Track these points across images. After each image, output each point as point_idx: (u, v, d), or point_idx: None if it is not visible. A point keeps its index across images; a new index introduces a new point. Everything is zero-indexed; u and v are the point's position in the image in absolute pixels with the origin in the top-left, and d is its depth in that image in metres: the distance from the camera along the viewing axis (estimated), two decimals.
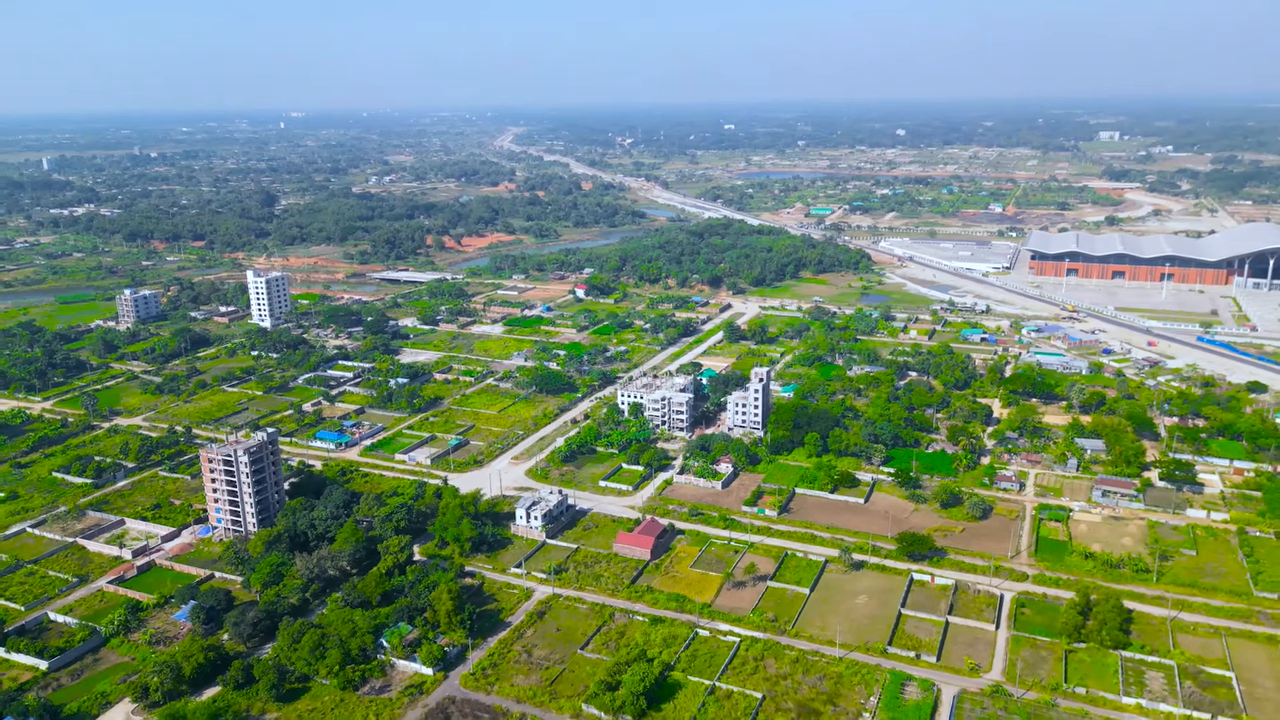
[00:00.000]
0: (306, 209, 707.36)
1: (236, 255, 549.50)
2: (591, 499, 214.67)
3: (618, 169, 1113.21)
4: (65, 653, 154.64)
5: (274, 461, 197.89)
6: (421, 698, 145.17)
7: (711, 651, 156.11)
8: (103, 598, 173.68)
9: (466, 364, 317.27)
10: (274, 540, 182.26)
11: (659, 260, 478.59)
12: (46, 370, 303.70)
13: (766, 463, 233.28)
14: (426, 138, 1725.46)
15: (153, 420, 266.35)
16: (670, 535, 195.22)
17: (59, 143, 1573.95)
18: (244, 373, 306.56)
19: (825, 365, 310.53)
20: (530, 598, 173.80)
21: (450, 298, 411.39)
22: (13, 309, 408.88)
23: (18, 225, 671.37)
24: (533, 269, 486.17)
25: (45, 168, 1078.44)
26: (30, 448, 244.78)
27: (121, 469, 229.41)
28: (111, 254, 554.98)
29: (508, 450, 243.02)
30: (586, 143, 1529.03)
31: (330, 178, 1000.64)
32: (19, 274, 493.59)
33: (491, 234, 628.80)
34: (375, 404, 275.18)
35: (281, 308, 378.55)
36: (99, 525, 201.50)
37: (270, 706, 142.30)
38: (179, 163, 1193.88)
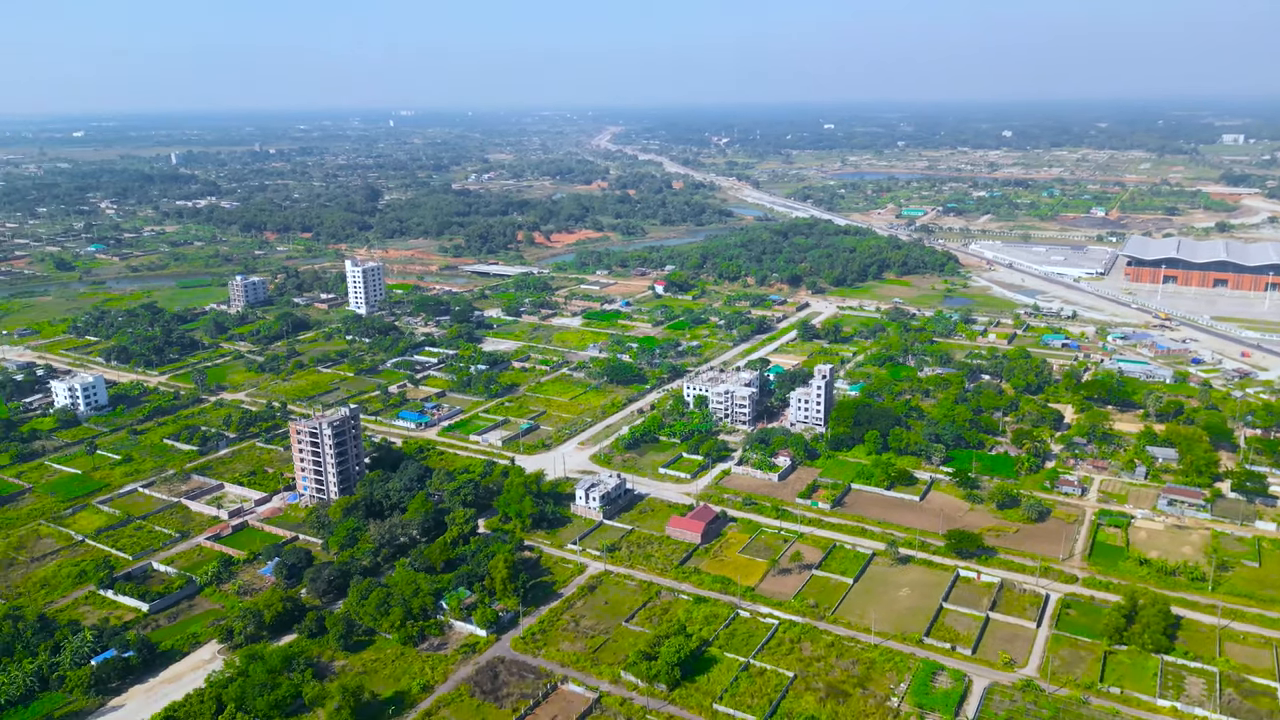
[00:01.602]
0: (407, 204, 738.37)
1: (340, 246, 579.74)
2: (650, 485, 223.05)
3: (710, 168, 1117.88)
4: (164, 597, 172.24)
5: (355, 436, 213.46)
6: (474, 656, 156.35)
7: (750, 631, 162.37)
8: (200, 552, 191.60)
9: (544, 354, 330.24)
10: (352, 507, 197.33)
11: (739, 258, 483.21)
12: (164, 347, 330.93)
13: (825, 458, 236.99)
14: (527, 136, 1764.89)
15: (254, 396, 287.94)
16: (722, 522, 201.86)
17: (188, 139, 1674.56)
18: (338, 355, 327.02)
19: (896, 366, 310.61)
20: (583, 572, 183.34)
21: (534, 291, 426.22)
22: (138, 291, 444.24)
23: (146, 215, 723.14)
24: (616, 265, 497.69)
25: (174, 162, 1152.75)
26: (145, 416, 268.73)
27: (224, 439, 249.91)
28: (228, 243, 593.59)
29: (575, 436, 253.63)
30: (682, 142, 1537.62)
31: (432, 174, 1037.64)
32: (145, 260, 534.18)
33: (580, 230, 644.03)
34: (455, 388, 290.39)
35: (376, 296, 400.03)
36: (201, 488, 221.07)
37: (338, 655, 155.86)
38: (294, 159, 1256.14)
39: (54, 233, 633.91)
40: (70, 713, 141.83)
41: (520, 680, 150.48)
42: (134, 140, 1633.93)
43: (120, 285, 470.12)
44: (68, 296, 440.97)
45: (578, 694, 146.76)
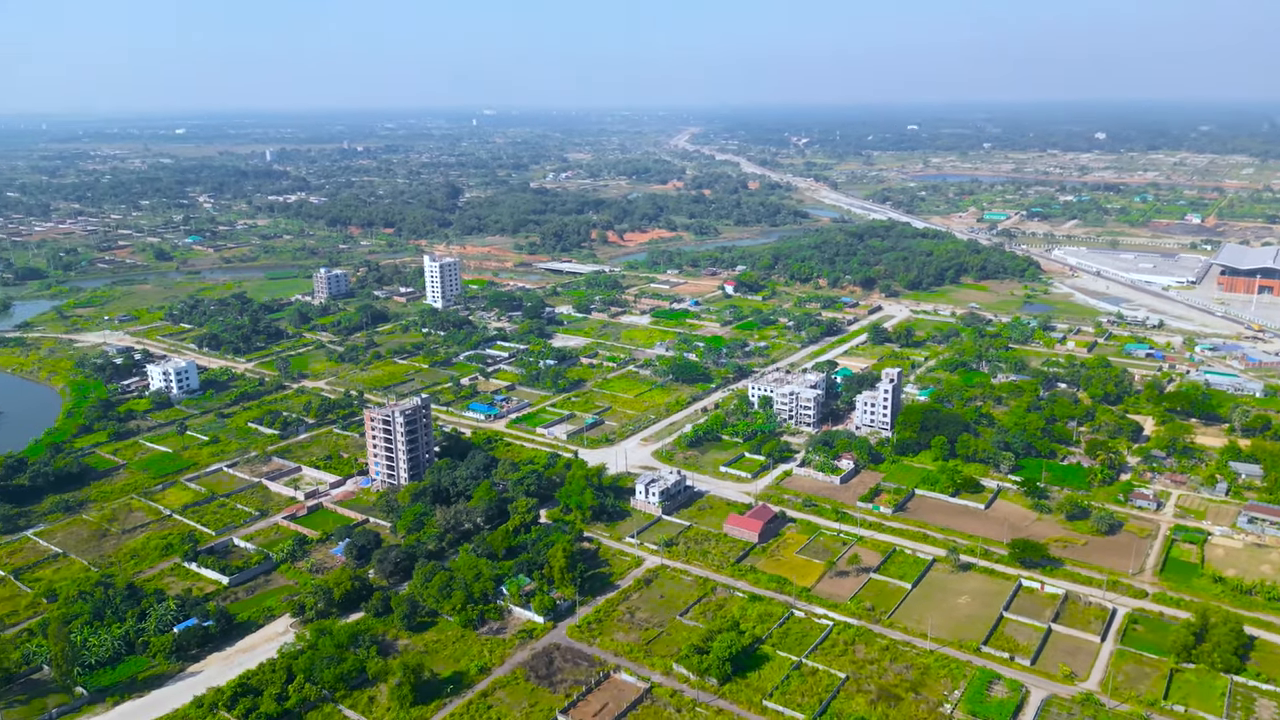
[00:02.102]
0: (486, 202, 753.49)
1: (420, 242, 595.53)
2: (710, 482, 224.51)
3: (788, 169, 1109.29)
4: (243, 572, 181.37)
5: (426, 425, 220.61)
6: (531, 641, 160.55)
7: (804, 631, 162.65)
8: (277, 530, 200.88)
9: (611, 351, 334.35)
10: (420, 493, 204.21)
11: (812, 260, 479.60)
12: (251, 336, 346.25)
13: (890, 462, 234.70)
14: (605, 136, 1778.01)
15: (333, 384, 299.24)
16: (780, 522, 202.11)
17: (281, 136, 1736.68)
18: (414, 347, 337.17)
19: (969, 372, 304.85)
20: (640, 565, 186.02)
21: (605, 289, 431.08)
22: (229, 282, 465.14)
23: (240, 209, 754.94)
24: (687, 264, 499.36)
25: (268, 159, 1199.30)
26: (232, 401, 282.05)
27: (303, 424, 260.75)
28: (314, 237, 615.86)
29: (638, 432, 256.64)
30: (761, 142, 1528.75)
31: (512, 173, 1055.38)
32: (237, 252, 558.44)
33: (654, 230, 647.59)
34: (524, 382, 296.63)
35: (452, 291, 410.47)
36: (280, 470, 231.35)
37: (402, 634, 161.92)
38: (380, 156, 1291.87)
39: (155, 224, 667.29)
40: (153, 675, 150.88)
41: (574, 667, 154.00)
42: (232, 137, 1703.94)
43: (214, 275, 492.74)
44: (165, 285, 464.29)
45: (629, 683, 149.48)
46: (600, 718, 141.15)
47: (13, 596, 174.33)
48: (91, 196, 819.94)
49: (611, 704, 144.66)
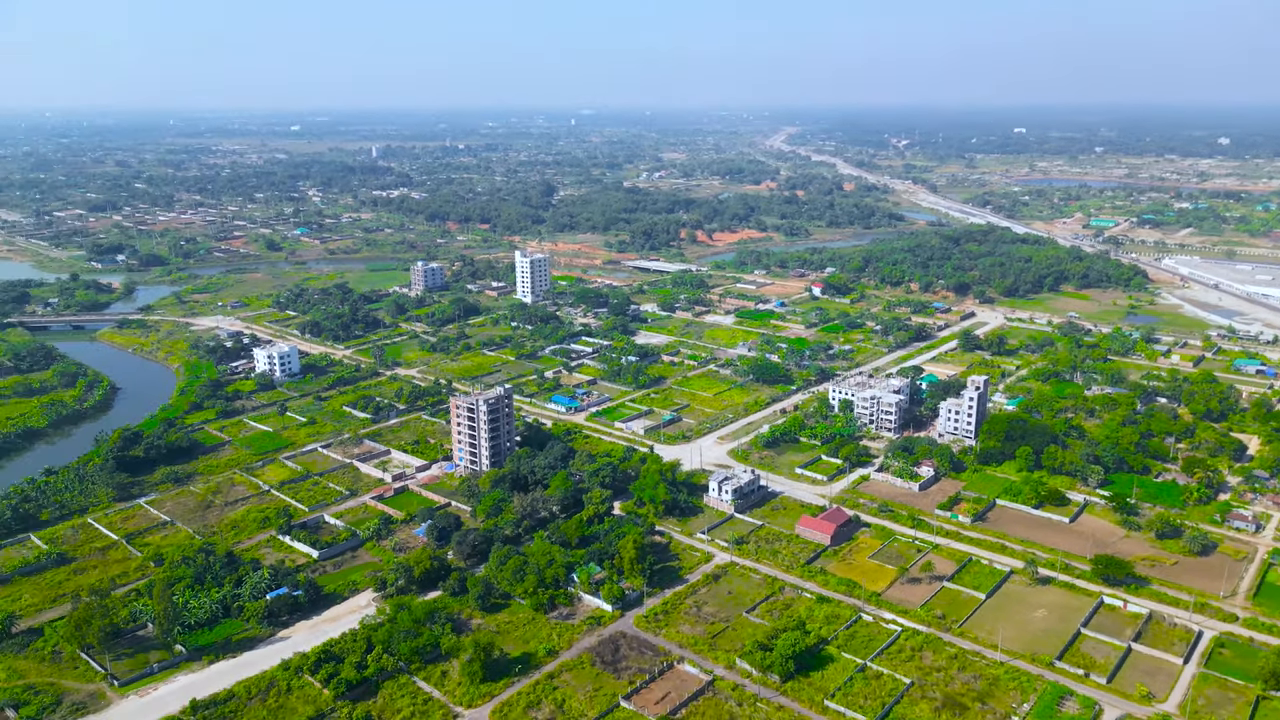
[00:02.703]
0: (579, 200, 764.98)
1: (514, 238, 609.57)
2: (785, 483, 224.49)
3: (885, 171, 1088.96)
4: (332, 547, 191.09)
5: (508, 414, 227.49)
6: (598, 628, 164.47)
7: (871, 635, 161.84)
8: (365, 509, 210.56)
9: (693, 349, 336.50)
10: (499, 480, 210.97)
11: (904, 263, 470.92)
12: (350, 324, 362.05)
13: (971, 471, 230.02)
14: (701, 136, 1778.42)
15: (424, 373, 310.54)
16: (854, 526, 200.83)
17: (388, 134, 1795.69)
18: (502, 340, 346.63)
19: (1062, 382, 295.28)
20: (709, 561, 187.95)
21: (691, 288, 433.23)
22: (332, 273, 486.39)
23: (346, 203, 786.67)
24: (775, 265, 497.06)
25: (374, 155, 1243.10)
26: (330, 385, 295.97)
27: (394, 410, 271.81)
28: (414, 231, 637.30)
29: (715, 430, 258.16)
30: (859, 143, 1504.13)
31: (606, 171, 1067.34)
32: (341, 244, 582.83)
33: (744, 230, 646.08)
34: (606, 377, 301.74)
35: (542, 286, 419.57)
36: (371, 452, 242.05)
37: (476, 613, 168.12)
38: (480, 154, 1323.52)
39: (267, 216, 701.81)
40: (246, 638, 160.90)
41: (639, 655, 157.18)
42: (342, 134, 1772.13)
43: (318, 266, 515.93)
44: (274, 274, 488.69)
45: (692, 674, 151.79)
46: (662, 706, 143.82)
47: (124, 559, 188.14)
48: (211, 189, 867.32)
49: (674, 693, 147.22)
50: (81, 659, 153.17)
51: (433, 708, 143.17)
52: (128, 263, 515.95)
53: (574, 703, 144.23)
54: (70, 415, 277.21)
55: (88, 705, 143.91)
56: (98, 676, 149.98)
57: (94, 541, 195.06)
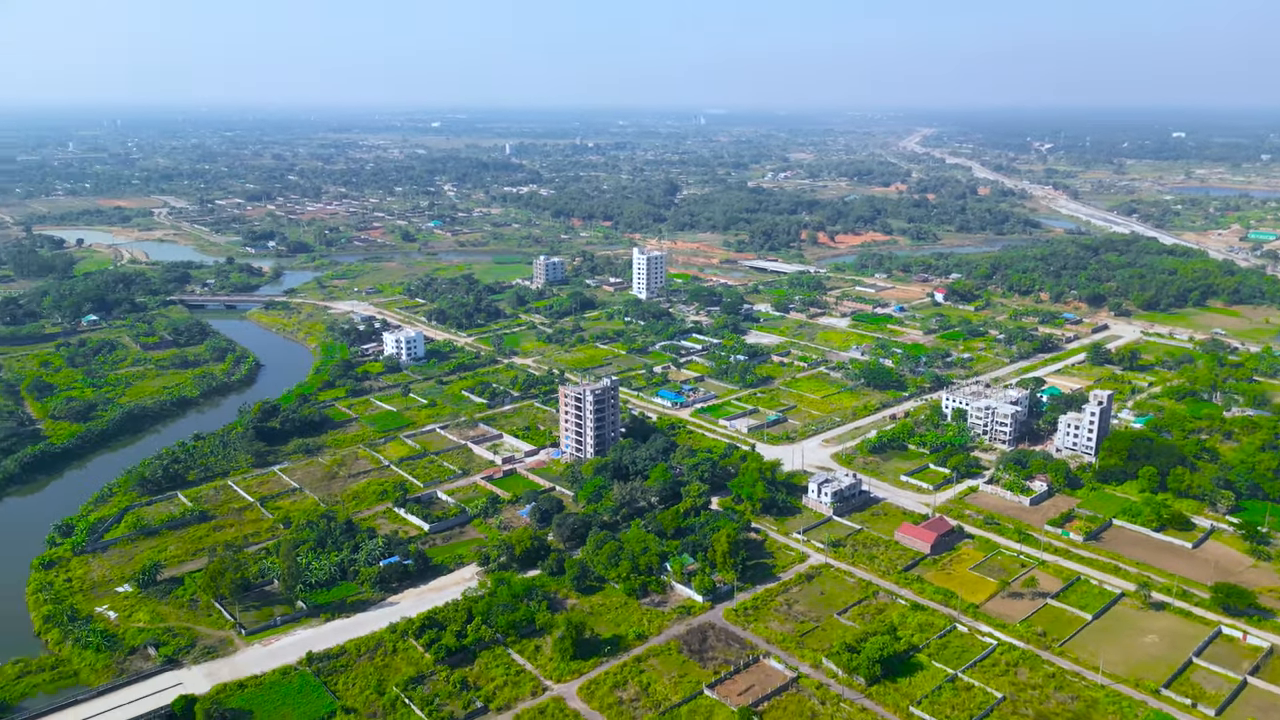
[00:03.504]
0: (701, 199, 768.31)
1: (634, 236, 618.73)
2: (888, 490, 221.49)
3: (1025, 175, 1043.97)
4: (442, 521, 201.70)
5: (613, 405, 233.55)
6: (688, 618, 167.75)
7: (965, 647, 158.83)
8: (475, 489, 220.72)
9: (805, 351, 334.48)
10: (602, 468, 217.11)
11: (1035, 271, 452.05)
12: (474, 313, 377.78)
13: (1088, 489, 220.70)
14: (831, 137, 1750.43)
15: (539, 362, 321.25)
16: (956, 536, 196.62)
17: (521, 131, 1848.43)
18: (615, 334, 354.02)
19: (1199, 402, 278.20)
20: (804, 561, 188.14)
21: (807, 289, 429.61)
22: (460, 264, 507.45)
23: (478, 198, 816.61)
24: (897, 269, 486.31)
25: (507, 152, 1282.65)
26: (450, 370, 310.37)
27: (509, 396, 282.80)
28: (540, 227, 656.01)
29: (820, 433, 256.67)
30: (998, 146, 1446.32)
31: (731, 171, 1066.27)
32: (470, 237, 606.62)
33: (868, 233, 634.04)
34: (713, 374, 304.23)
35: (657, 283, 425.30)
36: (484, 435, 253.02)
37: (571, 594, 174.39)
38: (609, 153, 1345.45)
39: (404, 209, 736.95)
40: (358, 600, 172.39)
41: (726, 647, 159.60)
42: (479, 131, 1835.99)
43: (448, 257, 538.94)
44: (407, 264, 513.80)
45: (777, 670, 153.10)
46: (745, 697, 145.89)
47: (257, 520, 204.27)
48: (355, 182, 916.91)
49: (757, 686, 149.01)
50: (215, 608, 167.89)
51: (524, 679, 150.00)
52: (277, 249, 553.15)
53: (659, 686, 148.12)
54: (219, 387, 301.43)
55: (218, 650, 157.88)
56: (228, 625, 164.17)
57: (232, 502, 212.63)
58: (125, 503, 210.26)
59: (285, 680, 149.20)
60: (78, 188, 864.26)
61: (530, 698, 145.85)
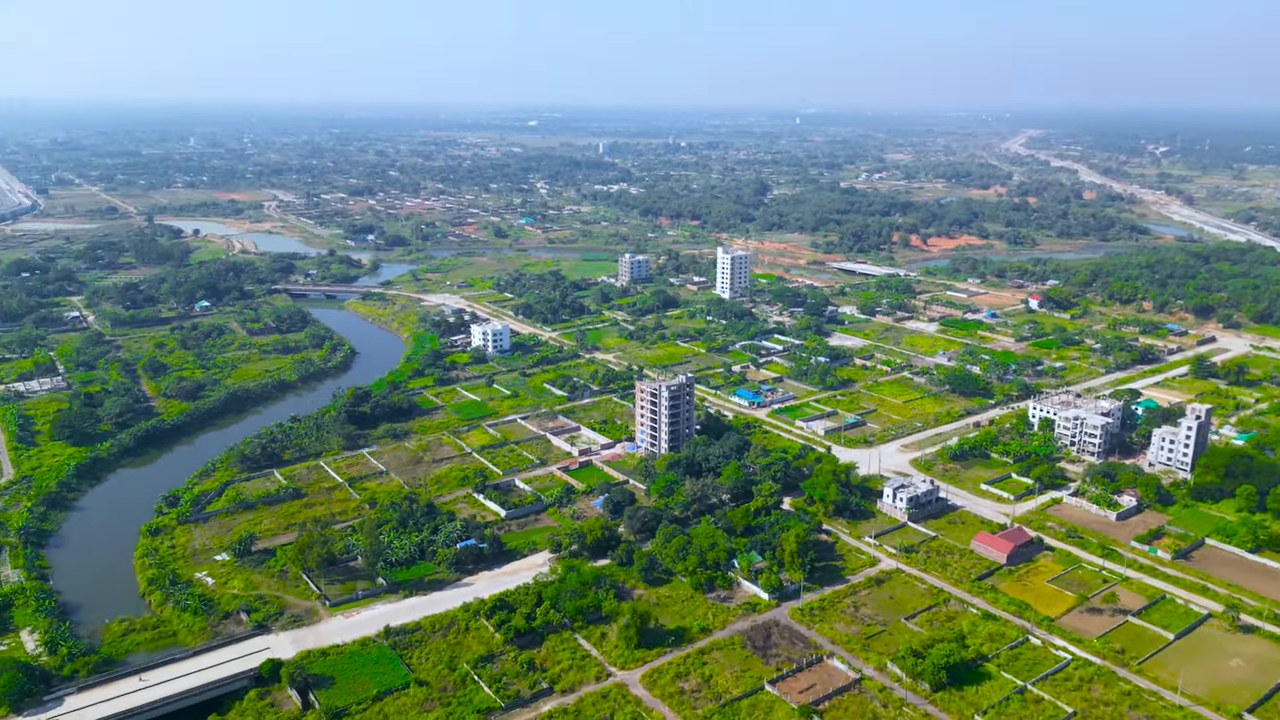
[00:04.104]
0: (791, 199, 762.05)
1: (721, 235, 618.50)
2: (966, 498, 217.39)
3: (1135, 179, 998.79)
4: (518, 508, 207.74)
5: (688, 402, 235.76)
6: (753, 614, 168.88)
7: (1036, 659, 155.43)
8: (551, 478, 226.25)
9: (889, 355, 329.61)
10: (675, 463, 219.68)
11: (1139, 279, 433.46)
12: (559, 309, 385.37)
13: (1181, 506, 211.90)
14: (931, 137, 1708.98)
15: (619, 358, 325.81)
16: (1035, 548, 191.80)
17: (615, 130, 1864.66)
18: (696, 333, 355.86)
19: None
20: (874, 565, 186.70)
21: (895, 292, 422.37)
22: (549, 260, 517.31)
23: (568, 196, 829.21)
24: (991, 274, 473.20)
25: (600, 151, 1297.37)
26: (534, 363, 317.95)
27: (588, 390, 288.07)
28: (627, 225, 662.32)
29: (899, 438, 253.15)
30: (1108, 149, 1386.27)
31: (824, 172, 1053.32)
32: (560, 234, 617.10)
33: (963, 236, 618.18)
34: (793, 375, 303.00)
35: (740, 283, 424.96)
36: (563, 427, 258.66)
37: (639, 585, 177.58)
38: (701, 152, 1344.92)
39: (498, 206, 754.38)
40: (435, 579, 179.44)
41: (790, 645, 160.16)
42: (574, 130, 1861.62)
43: (538, 253, 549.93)
44: (498, 259, 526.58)
45: (840, 670, 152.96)
46: (806, 695, 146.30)
47: (345, 499, 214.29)
48: (453, 179, 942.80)
49: (819, 685, 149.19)
50: (302, 579, 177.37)
51: (589, 664, 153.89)
52: (376, 242, 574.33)
53: (720, 679, 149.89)
54: (316, 372, 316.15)
55: (303, 619, 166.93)
56: (313, 596, 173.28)
57: (323, 481, 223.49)
58: (226, 478, 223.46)
59: (364, 651, 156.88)
60: (196, 181, 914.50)
61: (594, 682, 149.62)
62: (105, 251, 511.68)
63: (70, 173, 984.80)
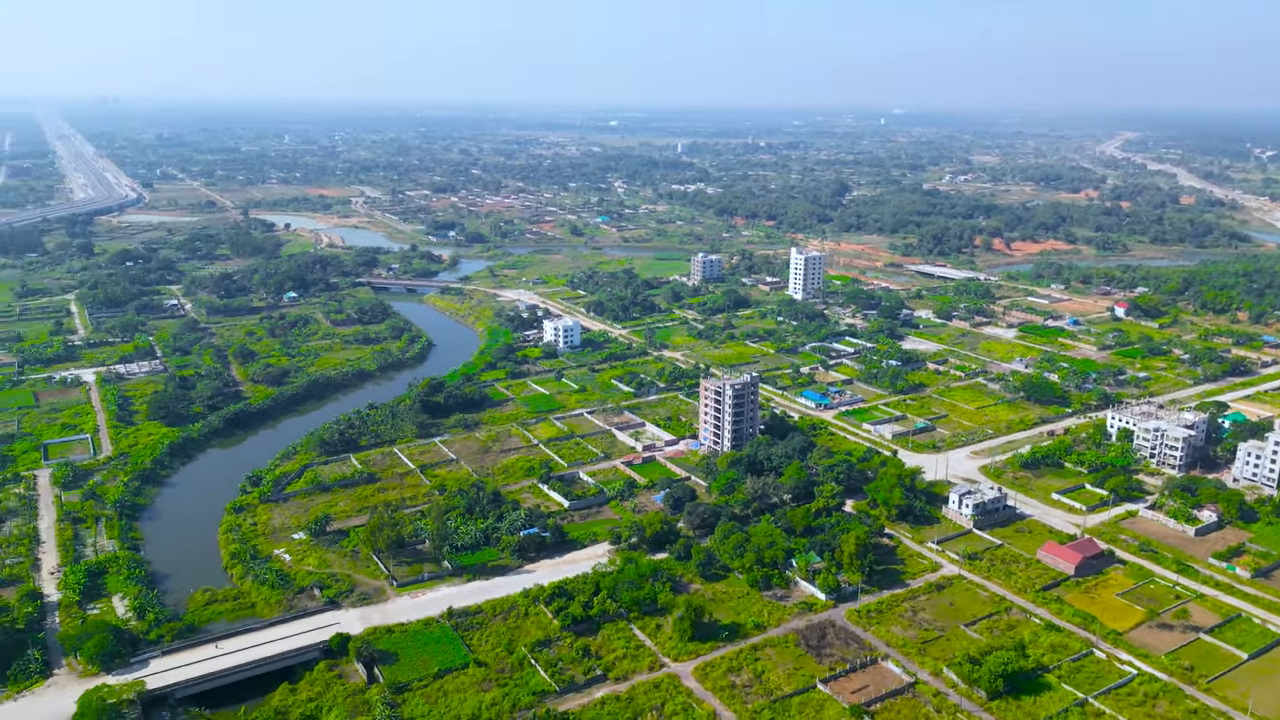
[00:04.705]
0: (870, 200, 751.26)
1: (797, 236, 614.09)
2: (1036, 507, 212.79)
3: (1239, 185, 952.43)
4: (581, 500, 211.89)
5: (752, 401, 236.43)
6: (809, 614, 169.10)
7: (1099, 673, 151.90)
8: (615, 472, 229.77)
9: (963, 360, 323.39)
10: (737, 461, 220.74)
11: (1235, 288, 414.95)
12: (630, 306, 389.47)
13: (1265, 523, 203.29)
14: (1021, 139, 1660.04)
15: (687, 356, 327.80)
16: (1105, 560, 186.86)
17: (694, 130, 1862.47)
18: (765, 333, 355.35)
19: None
20: (935, 571, 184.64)
21: (974, 297, 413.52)
22: (622, 259, 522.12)
23: (645, 195, 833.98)
24: (1076, 280, 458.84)
25: (678, 151, 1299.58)
26: (603, 360, 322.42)
27: (655, 387, 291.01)
28: (702, 224, 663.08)
29: (970, 444, 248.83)
30: (1210, 153, 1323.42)
31: (906, 173, 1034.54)
32: (634, 233, 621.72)
33: (1048, 241, 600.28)
34: (863, 378, 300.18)
35: (813, 284, 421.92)
36: (628, 423, 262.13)
37: (695, 579, 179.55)
38: (780, 152, 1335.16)
39: (575, 204, 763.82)
40: (498, 565, 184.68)
41: (844, 646, 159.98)
42: (654, 130, 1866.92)
43: (612, 252, 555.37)
44: (573, 257, 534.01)
45: (894, 673, 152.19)
46: (858, 696, 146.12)
47: (416, 485, 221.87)
48: (533, 177, 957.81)
49: (872, 687, 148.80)
50: (372, 560, 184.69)
51: (643, 654, 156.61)
52: (456, 238, 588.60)
53: (773, 676, 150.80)
54: (394, 362, 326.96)
55: (372, 597, 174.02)
56: (382, 576, 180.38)
57: (396, 467, 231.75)
58: (306, 460, 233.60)
59: (427, 630, 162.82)
60: (289, 176, 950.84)
61: (647, 671, 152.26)
62: (203, 243, 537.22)
63: (173, 168, 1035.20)
